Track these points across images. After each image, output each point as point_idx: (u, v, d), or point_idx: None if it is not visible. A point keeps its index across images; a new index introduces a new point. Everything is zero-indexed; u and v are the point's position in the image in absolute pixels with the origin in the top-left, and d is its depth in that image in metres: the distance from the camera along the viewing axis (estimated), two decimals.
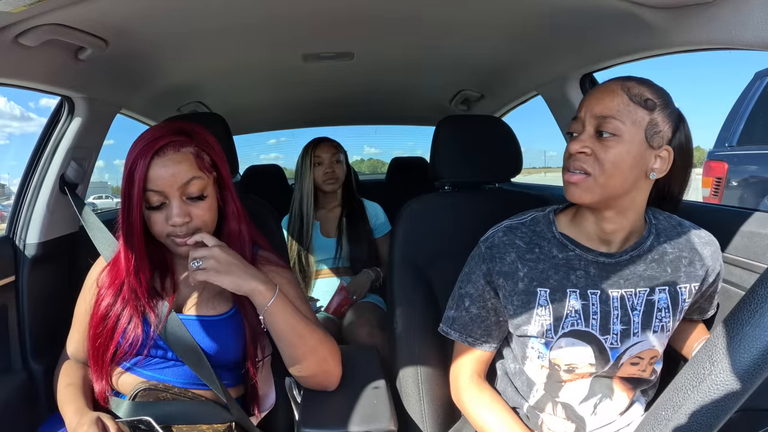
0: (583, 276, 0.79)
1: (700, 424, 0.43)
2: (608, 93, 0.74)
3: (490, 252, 0.83)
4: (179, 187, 0.80)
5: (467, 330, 0.87)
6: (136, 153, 0.78)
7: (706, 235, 0.83)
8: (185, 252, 0.83)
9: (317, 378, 0.88)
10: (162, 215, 0.81)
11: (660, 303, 0.79)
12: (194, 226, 0.82)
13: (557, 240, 0.82)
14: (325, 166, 1.72)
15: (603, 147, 0.73)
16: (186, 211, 0.81)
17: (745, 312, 0.42)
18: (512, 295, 0.81)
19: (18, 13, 0.74)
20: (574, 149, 0.75)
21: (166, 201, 0.80)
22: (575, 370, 0.80)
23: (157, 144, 0.78)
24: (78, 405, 0.84)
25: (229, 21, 1.03)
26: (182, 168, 0.80)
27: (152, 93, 1.47)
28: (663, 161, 0.74)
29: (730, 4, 0.73)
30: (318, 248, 1.71)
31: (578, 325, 0.78)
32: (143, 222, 0.82)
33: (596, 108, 0.74)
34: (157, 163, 0.78)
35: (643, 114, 0.72)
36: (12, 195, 3.28)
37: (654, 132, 0.72)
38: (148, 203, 0.80)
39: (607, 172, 0.73)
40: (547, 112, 1.54)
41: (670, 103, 0.74)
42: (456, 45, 1.29)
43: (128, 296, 0.84)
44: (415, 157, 2.86)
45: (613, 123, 0.72)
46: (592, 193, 0.74)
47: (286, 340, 0.83)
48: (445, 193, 1.22)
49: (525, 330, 0.82)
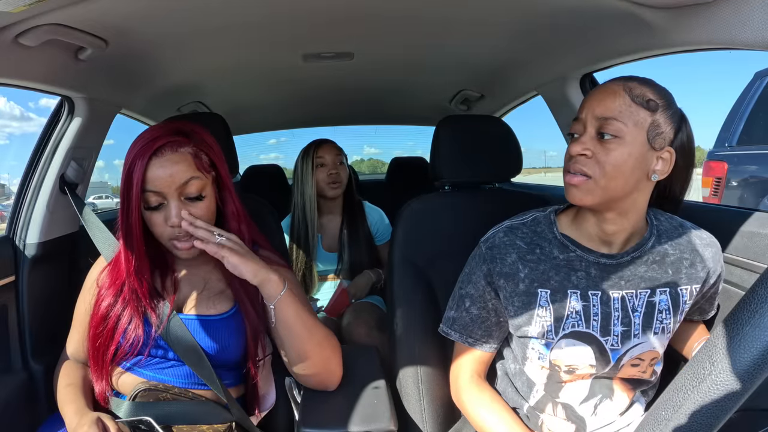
0: (584, 277, 0.79)
1: (700, 424, 0.43)
2: (610, 94, 0.73)
3: (490, 253, 0.83)
4: (177, 188, 0.80)
5: (468, 330, 0.87)
6: (134, 154, 0.78)
7: (707, 236, 0.82)
8: (187, 257, 0.84)
9: (320, 376, 0.88)
10: (161, 216, 0.81)
11: (661, 304, 0.79)
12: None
13: (558, 241, 0.81)
14: (328, 168, 1.63)
15: (604, 149, 0.72)
16: (185, 212, 0.81)
17: (745, 312, 0.42)
18: (513, 296, 0.81)
19: (18, 13, 0.74)
20: (575, 151, 0.74)
21: (165, 201, 0.80)
22: (575, 371, 0.80)
23: (155, 144, 0.78)
24: (78, 405, 0.84)
25: (229, 20, 1.03)
26: (180, 168, 0.79)
27: (152, 93, 1.47)
28: (665, 162, 0.74)
29: (730, 4, 0.73)
30: (321, 261, 1.68)
31: (579, 327, 0.78)
32: (142, 223, 0.82)
33: (598, 109, 0.73)
34: (155, 164, 0.78)
35: (645, 115, 0.71)
36: (12, 195, 3.28)
37: (656, 133, 0.72)
38: (146, 204, 0.80)
39: (608, 175, 0.72)
40: (547, 112, 1.54)
41: (672, 104, 0.74)
42: (456, 45, 1.29)
43: (129, 297, 0.84)
44: (415, 157, 2.86)
45: (615, 124, 0.71)
46: (593, 195, 0.74)
47: (295, 332, 0.83)
48: (445, 193, 1.22)
49: (525, 331, 0.81)
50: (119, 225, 0.84)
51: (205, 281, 0.90)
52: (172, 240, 0.82)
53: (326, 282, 1.70)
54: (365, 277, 1.65)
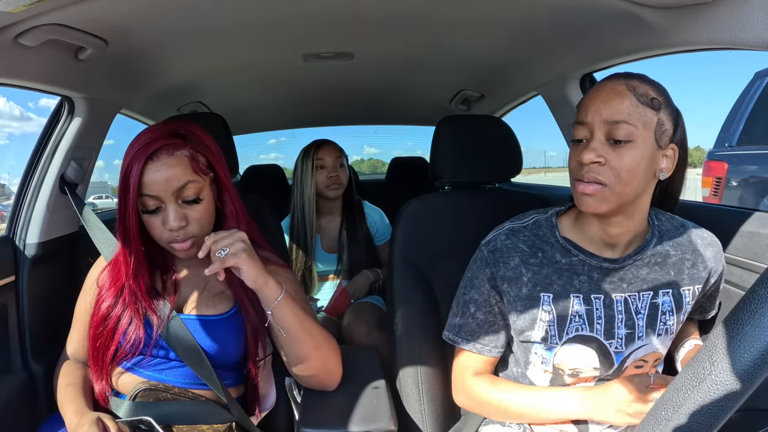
0: (587, 281, 0.78)
1: (700, 424, 0.43)
2: (616, 95, 0.70)
3: (493, 256, 0.82)
4: (174, 192, 0.79)
5: (475, 337, 0.85)
6: (131, 157, 0.78)
7: (708, 236, 0.82)
8: (186, 257, 0.84)
9: (320, 377, 0.88)
10: (159, 219, 0.81)
11: (664, 306, 0.78)
12: (191, 231, 0.82)
13: (560, 245, 0.80)
14: (328, 170, 1.62)
15: (617, 155, 0.69)
16: (182, 215, 0.81)
17: (745, 312, 0.42)
18: (516, 301, 0.80)
19: (18, 13, 0.74)
20: (587, 159, 0.70)
21: (162, 205, 0.80)
22: (579, 375, 0.79)
23: (151, 148, 0.77)
24: (78, 405, 0.84)
25: (229, 21, 1.03)
26: (176, 172, 0.79)
27: (152, 93, 1.47)
28: (669, 160, 0.74)
29: (730, 4, 0.73)
30: (320, 261, 1.68)
31: (582, 330, 0.78)
32: (140, 225, 0.82)
33: (605, 112, 0.70)
34: (151, 168, 0.78)
35: (652, 114, 0.70)
36: (12, 195, 3.28)
37: (661, 132, 0.71)
38: (144, 207, 0.80)
39: (623, 181, 0.70)
40: (547, 112, 1.54)
41: (670, 100, 0.74)
42: (456, 44, 1.29)
43: (128, 298, 0.84)
44: (415, 157, 2.86)
45: (626, 128, 0.69)
46: (608, 203, 0.71)
47: (294, 335, 0.82)
48: (445, 193, 1.22)
49: (528, 336, 0.80)
50: (117, 227, 0.84)
51: (205, 281, 0.90)
52: (170, 243, 0.82)
53: (326, 282, 1.70)
54: (363, 276, 1.64)
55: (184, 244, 0.82)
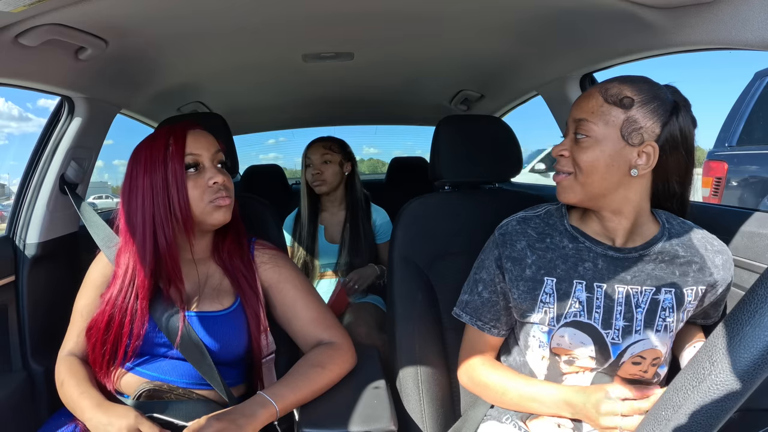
0: (591, 268, 0.81)
1: (700, 424, 0.43)
2: (585, 97, 0.79)
3: (502, 238, 0.87)
4: (212, 155, 0.88)
5: (477, 313, 0.90)
6: (165, 140, 0.84)
7: (718, 243, 0.83)
8: (226, 217, 0.88)
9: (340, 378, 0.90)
10: (201, 179, 0.86)
11: (665, 303, 0.79)
12: (230, 189, 0.89)
13: (569, 232, 0.85)
14: (313, 168, 1.71)
15: (579, 149, 0.78)
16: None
17: (745, 312, 0.42)
18: (518, 280, 0.84)
19: (18, 13, 0.74)
20: (555, 152, 0.82)
21: (202, 164, 0.87)
22: (575, 362, 0.81)
23: (183, 126, 0.87)
24: (96, 399, 0.80)
25: (229, 21, 1.03)
26: (211, 139, 0.90)
27: (152, 93, 1.47)
28: (647, 157, 0.75)
29: (730, 4, 0.73)
30: (322, 252, 1.71)
31: (581, 317, 0.80)
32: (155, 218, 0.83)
33: (574, 111, 0.80)
34: (191, 135, 0.87)
35: (618, 113, 0.75)
36: (12, 195, 3.28)
37: (632, 129, 0.74)
38: (187, 166, 0.85)
39: (584, 172, 0.77)
40: (548, 111, 1.54)
41: (655, 98, 0.75)
42: (456, 44, 1.29)
43: (132, 297, 0.84)
44: (415, 157, 2.86)
45: (586, 125, 0.77)
46: (575, 192, 0.79)
47: (308, 397, 0.84)
48: (445, 193, 1.22)
49: (528, 316, 0.84)
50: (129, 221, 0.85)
51: (206, 278, 0.91)
52: (214, 199, 0.86)
53: (325, 280, 1.71)
54: (371, 268, 1.67)
55: (228, 199, 0.87)
